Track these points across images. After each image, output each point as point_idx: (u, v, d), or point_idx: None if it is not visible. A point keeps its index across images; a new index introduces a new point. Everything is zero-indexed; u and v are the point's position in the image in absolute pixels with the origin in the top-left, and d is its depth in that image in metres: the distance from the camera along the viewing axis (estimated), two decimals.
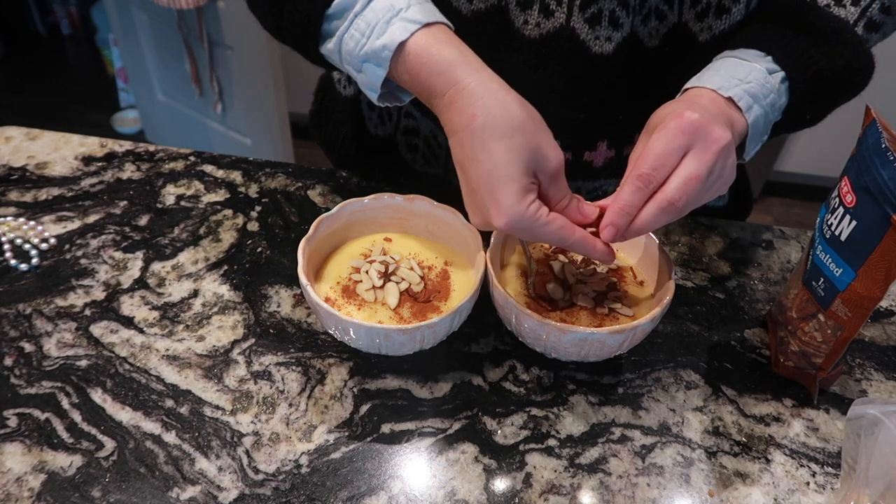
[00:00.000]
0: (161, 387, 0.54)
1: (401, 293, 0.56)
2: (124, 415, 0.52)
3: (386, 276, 0.57)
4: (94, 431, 0.51)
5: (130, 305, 0.61)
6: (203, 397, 0.54)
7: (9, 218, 0.68)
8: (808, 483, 0.51)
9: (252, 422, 0.52)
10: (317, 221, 0.57)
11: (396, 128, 0.77)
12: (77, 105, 2.64)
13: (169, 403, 0.53)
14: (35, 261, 0.64)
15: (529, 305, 0.56)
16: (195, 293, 0.62)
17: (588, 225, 0.50)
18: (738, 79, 0.52)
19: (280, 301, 0.62)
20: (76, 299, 0.61)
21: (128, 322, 0.59)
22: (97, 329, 0.59)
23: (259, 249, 0.68)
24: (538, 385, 0.56)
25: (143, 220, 0.70)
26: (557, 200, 0.49)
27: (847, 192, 0.49)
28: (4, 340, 0.57)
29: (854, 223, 0.48)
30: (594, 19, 0.57)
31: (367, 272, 0.57)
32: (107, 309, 0.60)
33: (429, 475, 0.50)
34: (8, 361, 0.55)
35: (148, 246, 0.67)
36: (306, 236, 0.56)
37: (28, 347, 0.57)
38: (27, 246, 0.65)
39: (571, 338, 0.50)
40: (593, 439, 0.53)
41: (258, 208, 0.72)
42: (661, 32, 0.59)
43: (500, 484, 0.49)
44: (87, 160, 0.77)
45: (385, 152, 0.80)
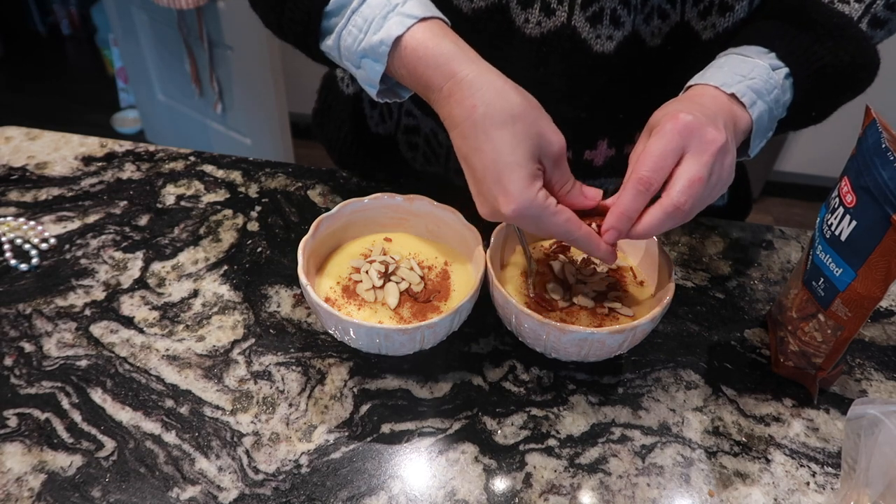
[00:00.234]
0: (161, 387, 0.54)
1: (401, 293, 0.56)
2: (124, 415, 0.52)
3: (386, 276, 0.57)
4: (94, 431, 0.51)
5: (130, 305, 0.61)
6: (203, 397, 0.54)
7: (9, 218, 0.68)
8: (808, 483, 0.51)
9: (252, 422, 0.52)
10: (317, 221, 0.57)
11: (397, 126, 0.77)
12: (77, 105, 2.64)
13: (169, 403, 0.53)
14: (35, 261, 0.64)
15: (529, 305, 0.56)
16: (195, 293, 0.62)
17: (589, 214, 0.50)
18: (742, 75, 0.52)
19: (280, 301, 0.62)
20: (76, 299, 0.61)
21: (128, 322, 0.59)
22: (97, 329, 0.59)
23: (259, 249, 0.68)
24: (538, 385, 0.56)
25: (143, 220, 0.70)
26: (561, 185, 0.49)
27: (847, 192, 0.49)
28: (4, 340, 0.57)
29: (854, 223, 0.48)
30: (595, 18, 0.57)
31: (367, 272, 0.57)
32: (107, 309, 0.60)
33: (429, 475, 0.50)
34: (8, 361, 0.55)
35: (148, 246, 0.67)
36: (306, 236, 0.56)
37: (28, 347, 0.57)
38: (27, 246, 0.65)
39: (571, 338, 0.50)
40: (593, 439, 0.53)
41: (258, 208, 0.72)
42: (664, 31, 0.59)
43: (500, 484, 0.49)
44: (87, 160, 0.77)
45: (386, 151, 0.80)
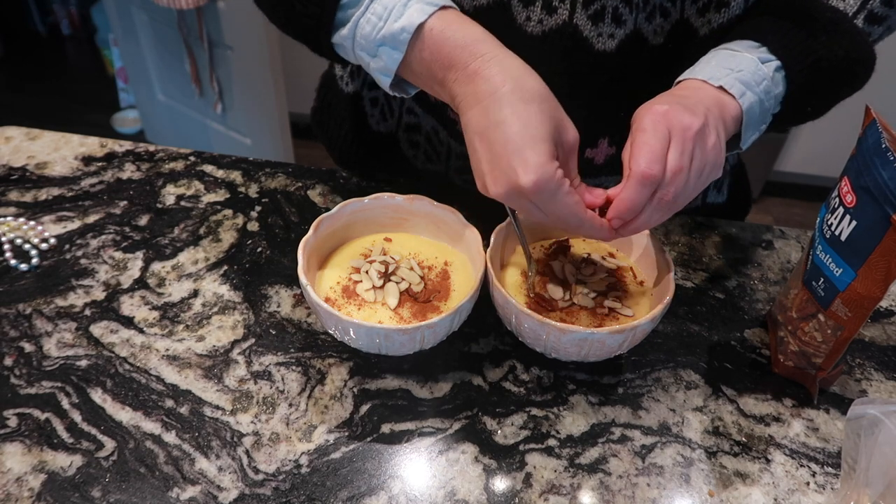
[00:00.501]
0: (161, 387, 0.54)
1: (401, 293, 0.56)
2: (124, 415, 0.52)
3: (386, 276, 0.57)
4: (94, 431, 0.51)
5: (130, 305, 0.61)
6: (203, 397, 0.54)
7: (9, 218, 0.68)
8: (808, 483, 0.51)
9: (252, 422, 0.52)
10: (317, 221, 0.57)
11: (398, 124, 0.77)
12: (77, 105, 2.64)
13: (169, 403, 0.53)
14: (35, 261, 0.64)
15: (529, 305, 0.56)
16: (195, 293, 0.62)
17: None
18: (729, 69, 0.52)
19: (280, 301, 0.62)
20: (76, 299, 0.61)
21: (128, 322, 0.59)
22: (97, 329, 0.59)
23: (259, 249, 0.68)
24: (538, 385, 0.56)
25: (143, 220, 0.70)
26: (570, 179, 0.49)
27: (847, 192, 0.49)
28: (4, 340, 0.57)
29: (854, 223, 0.48)
30: (597, 16, 0.57)
31: (367, 272, 0.57)
32: (107, 309, 0.60)
33: (429, 475, 0.50)
34: (8, 361, 0.55)
35: (148, 246, 0.67)
36: (306, 236, 0.56)
37: (28, 347, 0.57)
38: (27, 246, 0.65)
39: (571, 338, 0.50)
40: (593, 439, 0.53)
41: (258, 208, 0.72)
42: (665, 29, 0.59)
43: (500, 484, 0.49)
44: (87, 160, 0.77)
45: (386, 149, 0.80)
